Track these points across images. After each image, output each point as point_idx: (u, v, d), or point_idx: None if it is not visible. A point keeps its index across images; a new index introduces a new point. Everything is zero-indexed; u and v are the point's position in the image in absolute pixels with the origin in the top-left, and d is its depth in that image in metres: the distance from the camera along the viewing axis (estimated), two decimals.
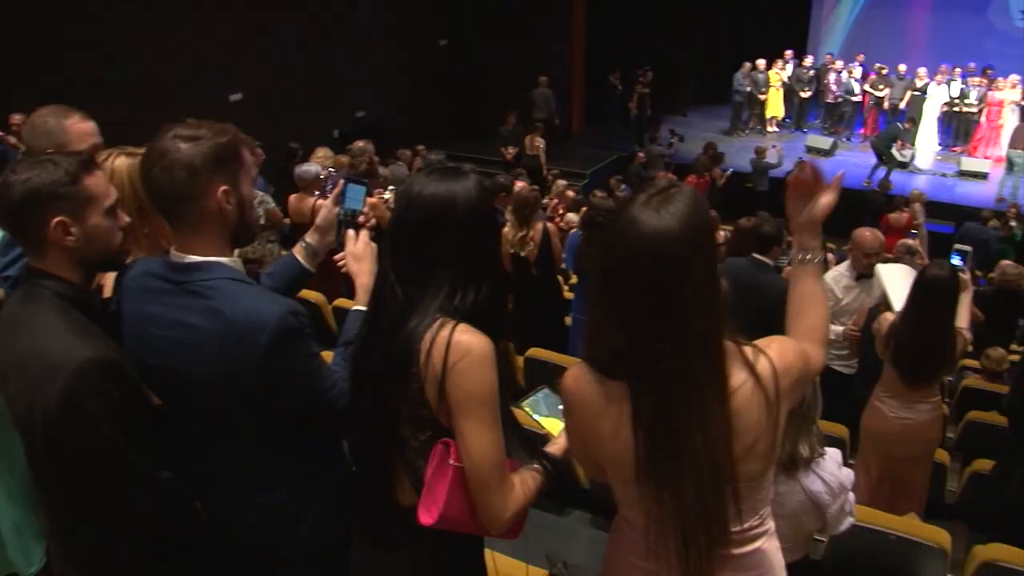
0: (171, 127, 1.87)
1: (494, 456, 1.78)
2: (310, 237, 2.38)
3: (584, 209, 7.00)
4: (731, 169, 13.36)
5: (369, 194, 2.64)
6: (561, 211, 10.41)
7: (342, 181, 2.37)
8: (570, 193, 11.23)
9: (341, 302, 5.72)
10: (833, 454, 2.80)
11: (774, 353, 1.71)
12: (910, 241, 9.22)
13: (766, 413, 1.66)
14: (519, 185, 7.73)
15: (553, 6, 15.88)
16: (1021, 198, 13.03)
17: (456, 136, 15.58)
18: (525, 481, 1.87)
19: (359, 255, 2.25)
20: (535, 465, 1.92)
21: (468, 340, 1.74)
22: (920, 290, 4.02)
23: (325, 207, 2.37)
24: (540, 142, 14.05)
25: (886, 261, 5.92)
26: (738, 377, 1.65)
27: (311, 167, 6.54)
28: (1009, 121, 14.98)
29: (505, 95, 15.17)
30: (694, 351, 1.61)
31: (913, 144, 15.31)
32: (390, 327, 1.80)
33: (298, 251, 2.39)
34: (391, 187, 7.07)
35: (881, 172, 14.08)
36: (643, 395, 1.64)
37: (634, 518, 1.80)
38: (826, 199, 1.91)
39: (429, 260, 1.79)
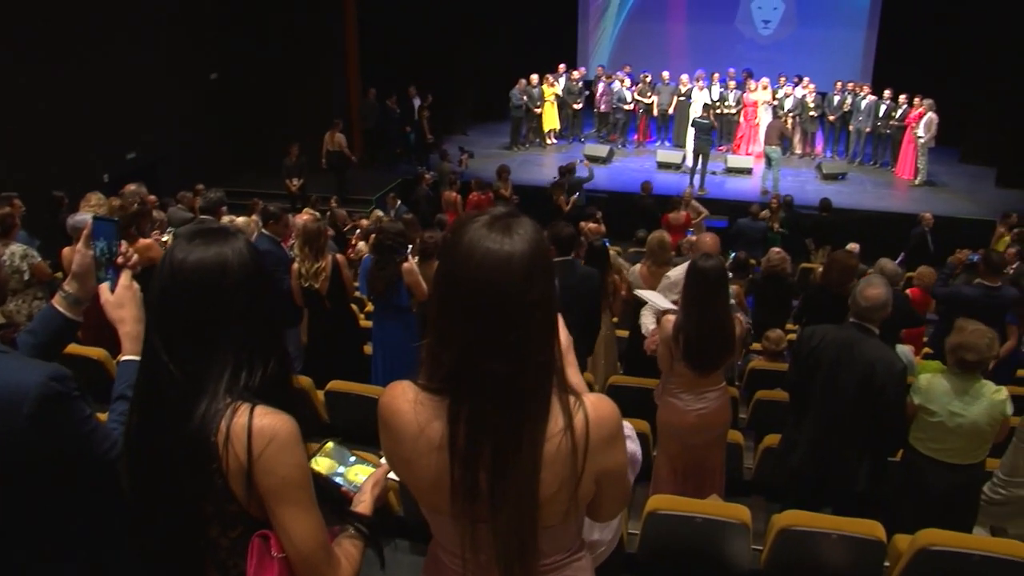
0: None
1: (319, 538, 1.68)
2: (68, 285, 2.19)
3: (373, 236, 6.95)
4: (579, 195, 13.41)
5: (143, 235, 2.48)
6: (353, 242, 10.32)
7: (90, 222, 2.19)
8: (365, 222, 11.14)
9: None
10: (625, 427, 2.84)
11: (591, 405, 1.64)
12: (694, 238, 9.79)
13: (571, 465, 1.60)
14: (304, 217, 7.57)
15: (325, 34, 15.75)
16: (782, 189, 14.09)
17: (238, 172, 15.13)
18: (349, 553, 1.77)
19: (118, 301, 2.09)
20: (350, 531, 1.82)
21: (271, 424, 1.61)
22: (693, 281, 4.26)
23: (78, 251, 2.16)
24: (340, 137, 14.68)
25: (669, 261, 6.26)
26: (556, 423, 1.60)
27: (84, 216, 6.14)
28: (763, 120, 16.25)
29: (285, 127, 14.92)
30: (528, 375, 1.56)
31: (684, 146, 16.26)
32: (172, 415, 1.63)
33: (58, 301, 2.20)
34: (169, 229, 6.78)
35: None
36: (462, 416, 1.58)
37: (449, 544, 1.74)
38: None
39: (207, 336, 1.64)
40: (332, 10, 15.75)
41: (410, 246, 6.28)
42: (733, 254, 9.22)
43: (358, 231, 10.83)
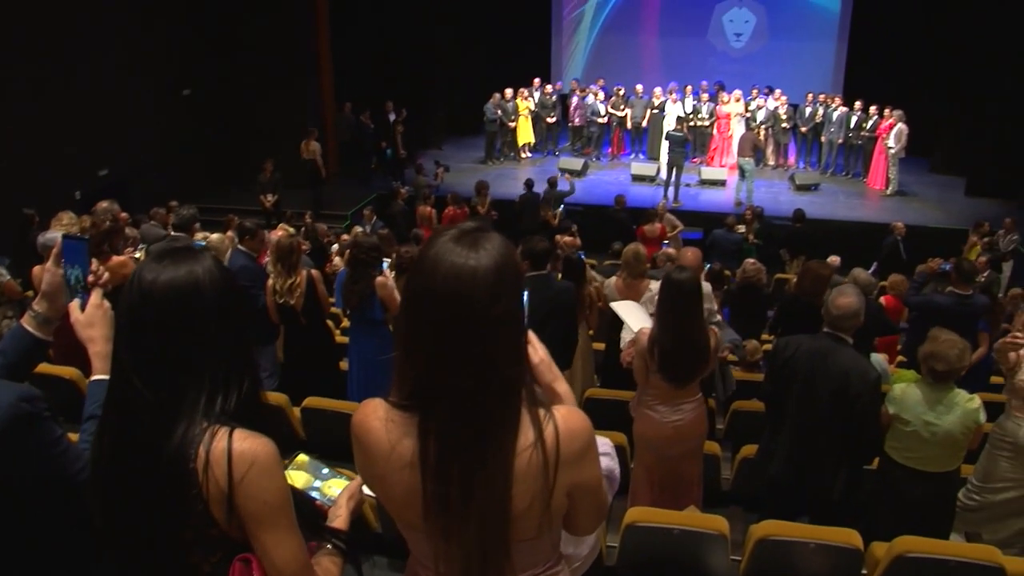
0: None
1: (300, 559, 1.67)
2: (37, 304, 2.16)
3: (348, 251, 6.94)
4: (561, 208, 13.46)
5: (115, 252, 2.45)
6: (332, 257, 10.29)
7: (60, 241, 2.17)
8: (345, 237, 11.11)
9: None
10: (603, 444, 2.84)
11: (561, 418, 1.64)
12: (670, 250, 9.85)
13: (542, 479, 1.60)
14: (278, 233, 7.54)
15: (298, 50, 15.70)
16: (756, 200, 14.19)
17: (213, 188, 15.05)
18: (328, 570, 1.77)
19: (88, 321, 2.06)
20: (328, 547, 1.81)
21: (251, 448, 1.61)
22: (668, 294, 4.28)
23: (47, 271, 2.14)
24: (315, 146, 14.68)
25: (646, 273, 6.27)
26: (527, 437, 1.59)
27: (55, 234, 6.07)
28: (736, 132, 16.38)
29: (259, 142, 14.88)
30: (496, 391, 1.55)
31: (658, 158, 16.36)
32: (145, 438, 1.60)
33: (27, 321, 2.17)
34: (141, 246, 6.73)
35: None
36: (432, 433, 1.57)
37: (425, 559, 1.74)
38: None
39: (181, 359, 1.62)
40: (305, 25, 15.72)
41: (387, 261, 6.27)
42: (708, 265, 9.26)
43: (336, 246, 10.80)
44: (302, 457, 2.02)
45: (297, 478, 1.95)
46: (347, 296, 5.83)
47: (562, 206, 13.26)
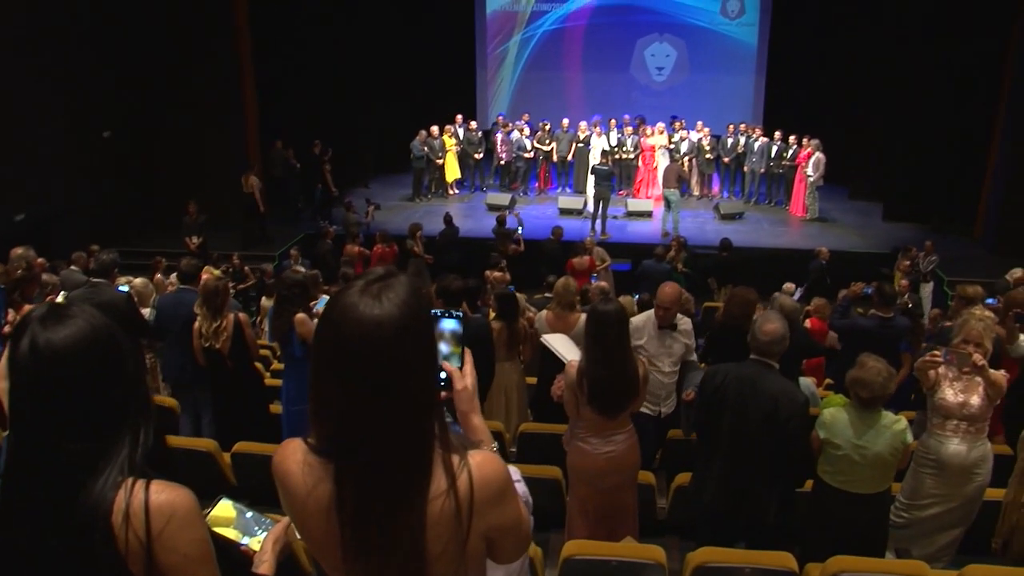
0: None
1: None
2: None
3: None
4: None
5: (27, 301, 2.36)
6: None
7: None
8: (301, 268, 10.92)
9: None
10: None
11: (475, 465, 1.63)
12: (604, 284, 9.93)
13: (456, 526, 1.59)
14: (204, 276, 7.40)
15: (222, 90, 15.48)
16: (682, 231, 14.41)
17: (136, 231, 14.72)
18: None
19: (3, 373, 1.98)
20: None
21: (169, 499, 1.58)
22: (596, 326, 4.29)
23: None
24: (255, 180, 14.69)
25: (574, 305, 6.30)
26: (439, 484, 1.58)
27: None
28: (661, 163, 16.66)
29: (184, 183, 14.64)
30: (408, 439, 1.55)
31: (585, 192, 16.54)
32: (53, 495, 1.56)
33: None
34: (63, 292, 6.53)
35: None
36: (347, 480, 1.56)
37: None
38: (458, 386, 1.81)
39: (78, 416, 1.58)
40: (229, 64, 15.53)
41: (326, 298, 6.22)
42: (637, 296, 9.36)
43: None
44: (224, 502, 1.96)
45: (219, 523, 1.90)
46: (272, 330, 5.82)
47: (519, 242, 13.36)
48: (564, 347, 5.08)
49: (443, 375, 1.74)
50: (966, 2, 14.56)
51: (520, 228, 13.61)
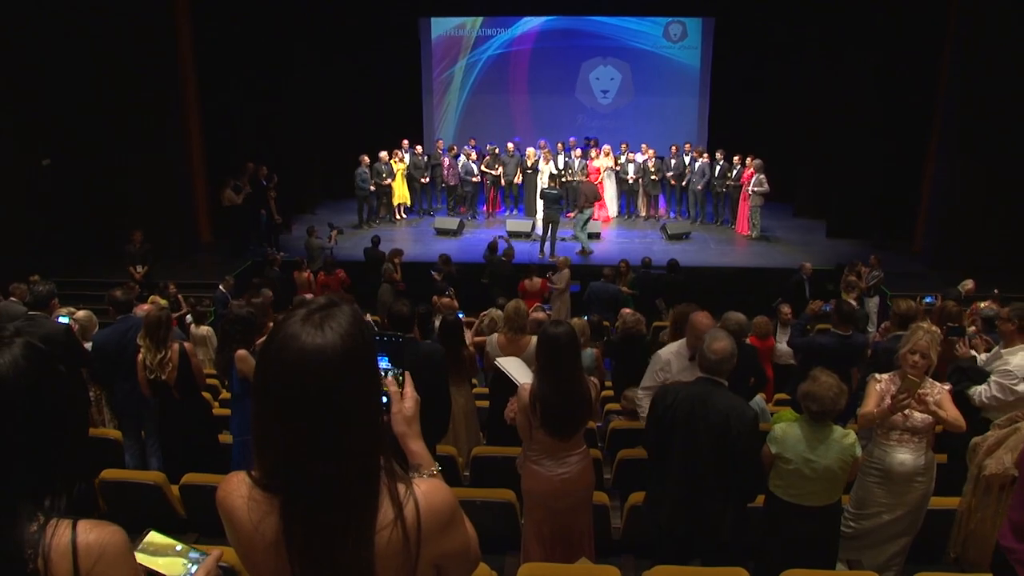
0: None
1: None
2: None
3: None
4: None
5: None
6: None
7: None
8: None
9: None
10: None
11: (421, 494, 1.63)
12: (547, 313, 9.90)
13: (404, 555, 1.59)
14: (146, 307, 7.28)
15: (165, 118, 15.23)
16: (632, 251, 14.43)
17: (78, 260, 14.40)
18: None
19: None
20: None
21: (97, 539, 1.54)
22: (547, 349, 4.29)
23: None
24: (230, 193, 14.96)
25: (525, 328, 6.30)
26: (386, 515, 1.57)
27: None
28: (608, 185, 16.79)
29: (129, 213, 14.39)
30: (354, 471, 1.53)
31: (534, 215, 16.61)
32: None
33: None
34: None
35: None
36: (294, 515, 1.54)
37: None
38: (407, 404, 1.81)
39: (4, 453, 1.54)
40: (172, 92, 15.32)
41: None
42: (587, 317, 9.38)
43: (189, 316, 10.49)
44: (153, 535, 1.90)
45: (149, 557, 1.84)
46: (215, 365, 5.76)
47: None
48: (517, 370, 5.07)
49: (384, 399, 1.72)
50: (899, 21, 14.98)
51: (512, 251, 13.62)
